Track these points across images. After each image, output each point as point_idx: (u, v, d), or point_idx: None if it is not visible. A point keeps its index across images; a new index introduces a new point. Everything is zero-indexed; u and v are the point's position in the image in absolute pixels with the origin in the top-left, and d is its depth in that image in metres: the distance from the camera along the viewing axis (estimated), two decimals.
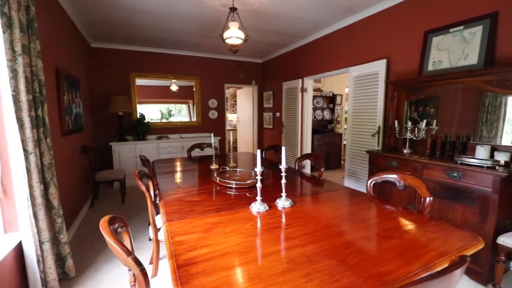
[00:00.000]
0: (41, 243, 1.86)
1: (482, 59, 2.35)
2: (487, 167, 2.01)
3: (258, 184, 1.53)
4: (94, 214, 3.55)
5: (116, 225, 1.13)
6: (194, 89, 5.89)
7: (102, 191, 4.54)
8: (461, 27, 2.52)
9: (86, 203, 3.80)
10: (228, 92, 8.90)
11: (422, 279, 0.72)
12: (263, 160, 3.12)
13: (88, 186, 4.00)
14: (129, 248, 1.09)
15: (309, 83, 4.92)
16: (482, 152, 2.21)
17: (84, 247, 2.66)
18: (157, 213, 2.08)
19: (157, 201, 1.88)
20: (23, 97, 1.72)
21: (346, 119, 4.48)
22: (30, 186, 1.79)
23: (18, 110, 1.70)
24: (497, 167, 2.02)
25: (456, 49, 2.55)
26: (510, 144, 2.18)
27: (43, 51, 2.22)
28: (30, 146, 1.77)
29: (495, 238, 1.94)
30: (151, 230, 2.02)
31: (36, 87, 1.91)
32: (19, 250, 1.79)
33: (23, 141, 1.74)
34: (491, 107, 2.30)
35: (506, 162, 2.10)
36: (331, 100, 6.71)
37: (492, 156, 2.21)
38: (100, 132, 5.01)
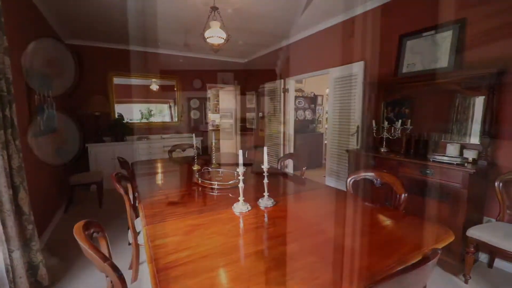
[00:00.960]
0: (10, 251, 1.75)
1: (452, 62, 2.48)
2: (457, 164, 2.13)
3: (241, 185, 1.53)
4: (69, 219, 3.39)
5: (92, 230, 1.08)
6: (175, 89, 5.78)
7: (78, 195, 4.33)
8: (433, 32, 2.65)
9: (60, 208, 3.62)
10: (210, 92, 8.80)
11: (397, 272, 0.75)
12: (245, 160, 3.11)
13: (63, 190, 3.81)
14: (106, 254, 1.05)
15: (291, 83, 4.97)
16: (452, 150, 2.34)
17: (59, 254, 2.53)
18: (137, 216, 2.02)
19: (137, 204, 1.82)
20: None
21: (327, 119, 4.58)
22: None
23: None
24: (466, 164, 2.15)
25: (428, 53, 2.68)
26: (477, 143, 2.31)
27: (11, 47, 2.09)
28: None
29: (465, 231, 2.06)
30: (130, 234, 1.96)
31: (3, 86, 1.80)
32: None
33: None
34: (461, 107, 2.44)
35: (474, 159, 2.24)
36: (313, 100, 6.84)
37: (461, 153, 2.34)
38: (75, 133, 4.78)
